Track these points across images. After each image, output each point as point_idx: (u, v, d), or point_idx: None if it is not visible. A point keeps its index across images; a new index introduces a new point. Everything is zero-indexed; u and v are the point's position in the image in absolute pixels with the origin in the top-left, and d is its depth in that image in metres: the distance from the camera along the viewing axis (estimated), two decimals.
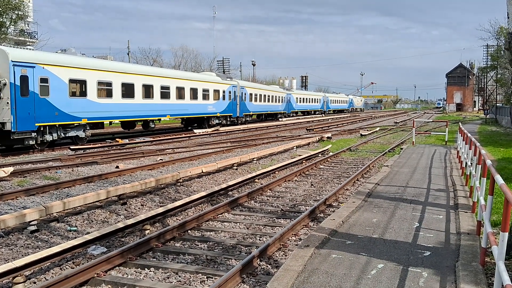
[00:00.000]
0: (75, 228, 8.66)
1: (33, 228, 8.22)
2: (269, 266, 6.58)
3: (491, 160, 16.42)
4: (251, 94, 45.10)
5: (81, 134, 22.67)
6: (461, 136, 15.70)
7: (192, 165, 16.30)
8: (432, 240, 6.72)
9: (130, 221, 8.36)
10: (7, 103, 18.31)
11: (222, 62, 79.74)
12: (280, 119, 54.63)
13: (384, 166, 14.96)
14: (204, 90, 34.67)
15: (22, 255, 7.08)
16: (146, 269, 6.48)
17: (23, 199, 10.55)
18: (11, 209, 9.56)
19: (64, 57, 22.62)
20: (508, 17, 5.92)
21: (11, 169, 13.46)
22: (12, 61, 18.59)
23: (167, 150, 21.01)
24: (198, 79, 34.82)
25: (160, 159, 17.68)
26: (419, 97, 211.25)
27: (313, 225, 8.82)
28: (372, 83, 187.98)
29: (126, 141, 25.12)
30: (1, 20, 31.98)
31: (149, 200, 10.95)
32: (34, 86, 19.56)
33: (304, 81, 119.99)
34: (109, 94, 24.32)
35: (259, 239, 7.98)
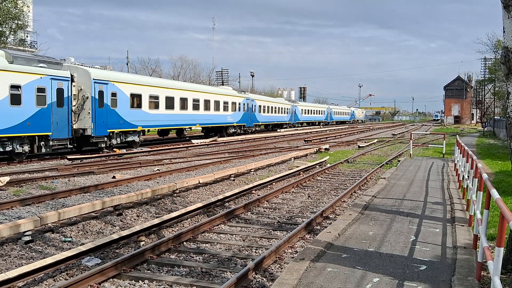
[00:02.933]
0: (70, 239, 8.61)
1: (27, 238, 8.17)
2: (264, 279, 6.53)
3: (489, 173, 16.44)
4: (260, 106, 49.14)
5: (136, 139, 26.95)
6: (458, 149, 15.71)
7: (189, 175, 16.26)
8: (428, 254, 6.68)
9: (125, 233, 8.31)
10: (88, 113, 22.58)
11: (221, 72, 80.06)
12: (278, 131, 54.87)
13: (381, 178, 14.95)
14: (224, 103, 39.02)
15: (16, 266, 7.03)
16: (140, 281, 6.42)
17: (18, 209, 10.49)
18: (6, 219, 9.49)
19: (127, 75, 29.51)
20: (504, 32, 5.95)
21: (7, 178, 13.41)
22: (93, 79, 22.92)
23: (165, 161, 20.98)
24: (220, 93, 39.12)
25: (157, 170, 17.64)
26: (417, 109, 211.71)
27: (310, 237, 8.78)
28: (370, 95, 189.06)
29: (124, 151, 25.08)
30: (0, 29, 32.09)
31: (145, 211, 10.90)
32: (107, 99, 24.01)
33: (302, 92, 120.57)
34: (156, 106, 28.77)
35: (255, 252, 7.93)
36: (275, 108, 55.98)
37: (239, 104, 42.29)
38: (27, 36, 47.29)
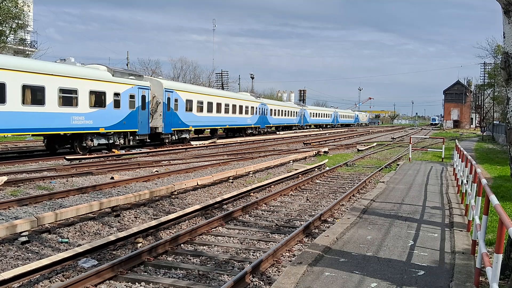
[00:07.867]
0: (67, 240, 8.57)
1: (24, 239, 8.12)
2: (261, 282, 6.50)
3: (487, 178, 16.42)
4: (271, 110, 54.75)
5: (187, 136, 33.59)
6: (457, 153, 15.69)
7: (188, 177, 16.23)
8: (426, 259, 6.66)
9: (122, 234, 8.27)
10: (160, 115, 28.70)
11: (221, 74, 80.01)
12: (277, 133, 54.96)
13: (380, 182, 14.93)
14: (246, 107, 45.27)
15: (12, 267, 6.99)
16: (136, 283, 6.38)
17: (15, 209, 10.44)
18: (2, 219, 9.45)
19: (183, 85, 36.72)
20: (504, 37, 5.94)
21: (4, 178, 13.36)
22: (164, 88, 29.08)
23: (163, 162, 20.93)
24: (243, 99, 45.21)
25: (156, 171, 17.59)
26: (416, 113, 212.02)
27: (308, 241, 8.74)
28: (370, 98, 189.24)
29: (123, 152, 25.04)
30: (0, 29, 32.06)
31: (142, 213, 10.86)
32: (172, 104, 30.23)
33: (302, 95, 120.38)
34: (201, 109, 34.96)
35: (252, 255, 7.89)
36: (285, 111, 61.38)
37: (256, 108, 48.34)
38: (27, 34, 47.21)
